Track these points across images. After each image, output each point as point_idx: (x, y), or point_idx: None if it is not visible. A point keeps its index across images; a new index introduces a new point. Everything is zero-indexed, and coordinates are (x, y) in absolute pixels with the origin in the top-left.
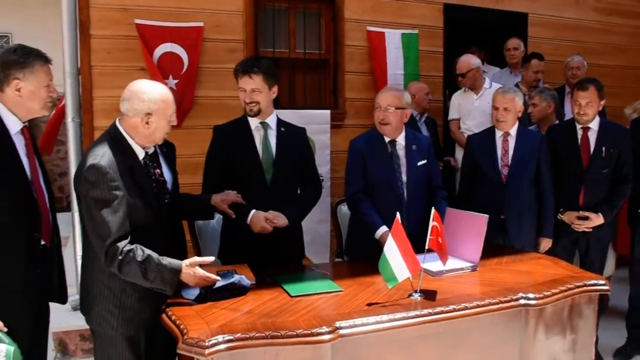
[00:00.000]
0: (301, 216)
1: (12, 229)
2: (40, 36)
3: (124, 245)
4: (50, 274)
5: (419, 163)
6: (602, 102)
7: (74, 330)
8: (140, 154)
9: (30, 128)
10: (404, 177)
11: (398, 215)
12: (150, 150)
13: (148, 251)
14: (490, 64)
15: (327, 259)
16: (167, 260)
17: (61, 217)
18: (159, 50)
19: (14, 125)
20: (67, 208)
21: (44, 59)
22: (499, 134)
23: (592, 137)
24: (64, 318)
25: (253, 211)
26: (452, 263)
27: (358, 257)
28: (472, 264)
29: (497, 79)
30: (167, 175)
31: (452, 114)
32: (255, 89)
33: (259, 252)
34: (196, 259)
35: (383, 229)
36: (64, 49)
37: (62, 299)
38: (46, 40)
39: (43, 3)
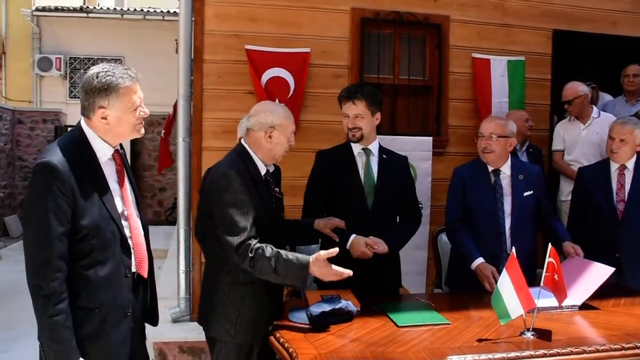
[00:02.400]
0: (401, 244)
1: (108, 264)
2: (152, 59)
3: (254, 243)
4: (145, 300)
5: (526, 193)
6: None
7: (173, 342)
8: (262, 170)
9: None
10: (507, 207)
11: (514, 250)
12: (271, 169)
13: (277, 249)
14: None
15: (422, 287)
16: (294, 255)
17: (160, 230)
18: (267, 75)
19: (104, 152)
20: (165, 222)
21: (129, 79)
22: (614, 166)
23: None
24: (165, 330)
25: (353, 235)
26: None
27: (458, 289)
28: (573, 305)
29: (611, 108)
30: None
31: (557, 145)
32: (358, 114)
33: (357, 278)
34: (322, 252)
35: (479, 260)
36: (179, 73)
37: (154, 321)
38: (157, 63)
39: (156, 27)
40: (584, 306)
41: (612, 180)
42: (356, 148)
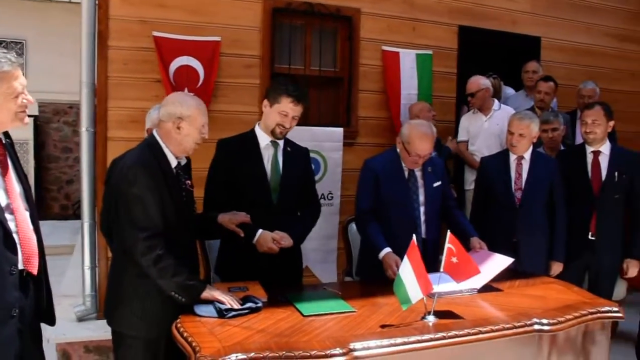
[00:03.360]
0: (304, 237)
1: None
2: (56, 44)
3: (160, 246)
4: (39, 299)
5: (435, 184)
6: (611, 124)
7: (78, 342)
8: (173, 162)
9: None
10: (421, 198)
11: (414, 237)
12: (183, 161)
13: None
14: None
15: (333, 275)
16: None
17: (67, 225)
18: (176, 63)
19: None
20: (73, 216)
21: (9, 64)
22: (513, 157)
23: (604, 161)
24: (69, 329)
25: (260, 231)
26: (457, 285)
27: (369, 278)
28: (472, 288)
29: (512, 101)
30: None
31: (461, 136)
32: (297, 116)
33: (258, 270)
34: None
35: (385, 250)
36: (81, 58)
37: (51, 320)
38: (64, 48)
39: (62, 10)
40: (484, 289)
41: (511, 170)
42: (263, 140)
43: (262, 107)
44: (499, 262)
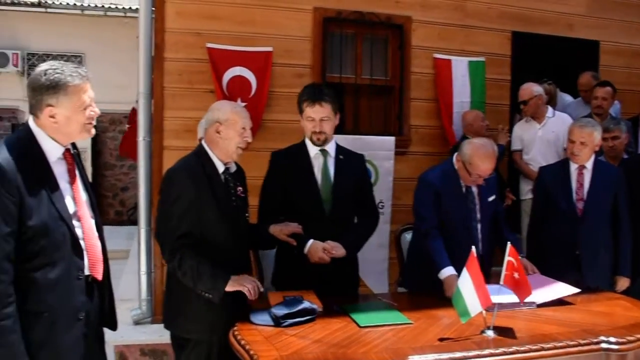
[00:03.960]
0: (359, 246)
1: (58, 266)
2: (112, 56)
3: (185, 246)
4: (102, 303)
5: (490, 199)
6: None
7: (134, 345)
8: (220, 168)
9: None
10: (478, 215)
11: (474, 248)
12: (232, 168)
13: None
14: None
15: (384, 286)
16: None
17: (122, 230)
18: (229, 74)
19: (53, 152)
20: (128, 222)
21: (79, 77)
22: (574, 166)
23: None
24: (126, 332)
25: (311, 241)
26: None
27: (414, 289)
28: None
29: (571, 109)
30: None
31: (515, 145)
32: (325, 117)
33: (314, 280)
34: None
35: (449, 270)
36: (139, 70)
37: (113, 325)
38: (119, 60)
39: (117, 24)
40: (543, 304)
41: (571, 180)
42: (312, 149)
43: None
44: (563, 288)
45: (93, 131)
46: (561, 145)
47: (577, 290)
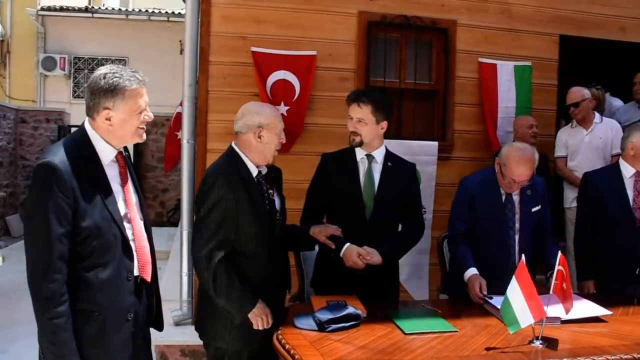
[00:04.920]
0: (397, 255)
1: (109, 267)
2: (155, 60)
3: (222, 254)
4: (150, 305)
5: (534, 209)
6: None
7: (175, 345)
8: (254, 171)
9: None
10: (517, 226)
11: (524, 257)
12: (264, 170)
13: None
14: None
15: (425, 292)
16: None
17: (162, 231)
18: (273, 77)
19: (107, 154)
20: (168, 223)
21: (137, 82)
22: (628, 172)
23: None
24: (167, 333)
25: (347, 244)
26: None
27: (455, 296)
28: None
29: (622, 114)
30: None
31: (559, 151)
32: (361, 119)
33: (353, 284)
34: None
35: (472, 270)
36: (184, 74)
37: (159, 326)
38: (162, 64)
39: (160, 28)
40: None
41: (627, 187)
42: (359, 153)
43: None
44: (593, 309)
45: (144, 136)
46: (609, 152)
47: (608, 312)
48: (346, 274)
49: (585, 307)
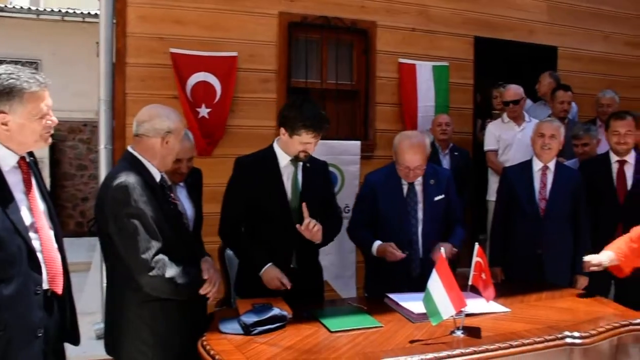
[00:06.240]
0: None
1: (14, 281)
2: (70, 63)
3: (163, 257)
4: (63, 318)
5: (437, 198)
6: (639, 134)
7: None
8: (157, 177)
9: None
10: (420, 215)
11: (443, 250)
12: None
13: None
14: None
15: (352, 290)
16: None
17: (82, 242)
18: (193, 79)
19: (6, 160)
20: (88, 233)
21: (37, 84)
22: (537, 167)
23: (629, 170)
24: (89, 347)
25: (268, 265)
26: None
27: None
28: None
29: (532, 111)
30: (187, 206)
31: (490, 145)
32: (316, 142)
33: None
34: None
35: (377, 242)
36: (100, 76)
37: (75, 340)
38: (78, 67)
39: (75, 29)
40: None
41: (535, 180)
42: (283, 159)
43: (280, 133)
44: (494, 307)
45: (50, 140)
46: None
47: (506, 309)
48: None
49: (486, 305)
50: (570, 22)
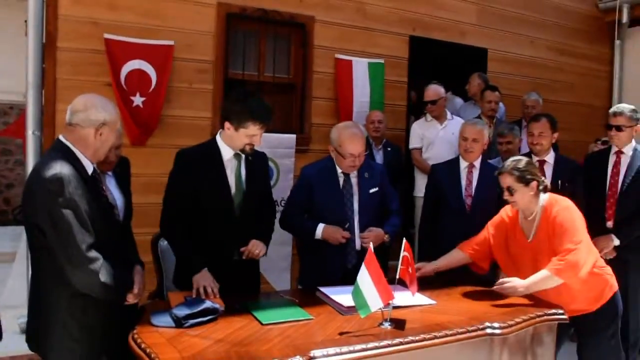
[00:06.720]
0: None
1: None
2: None
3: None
4: None
5: (371, 190)
6: (556, 135)
7: (22, 355)
8: (89, 168)
9: None
10: (355, 205)
11: (371, 245)
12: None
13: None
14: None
15: (287, 283)
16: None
17: (6, 231)
18: (127, 67)
19: None
20: (14, 221)
21: None
22: (463, 164)
23: (548, 170)
24: (13, 342)
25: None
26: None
27: (312, 285)
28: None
29: (462, 110)
30: (117, 195)
31: (415, 143)
32: (262, 135)
33: (217, 277)
34: None
35: (320, 225)
36: (27, 59)
37: None
38: (3, 47)
39: (1, 5)
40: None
41: (461, 177)
42: (227, 152)
43: (225, 127)
44: (421, 299)
45: None
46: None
47: (433, 302)
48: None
49: (412, 297)
50: (499, 26)
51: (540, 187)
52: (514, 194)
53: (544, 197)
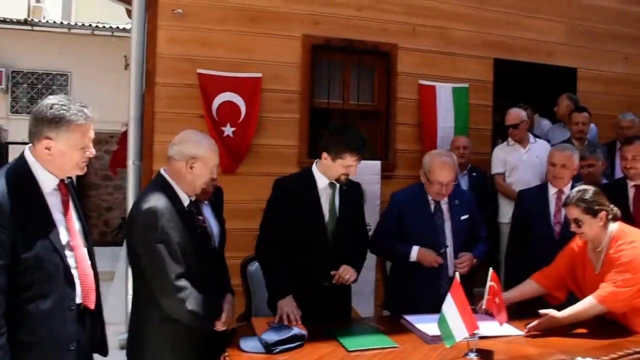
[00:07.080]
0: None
1: (50, 297)
2: (98, 75)
3: (187, 284)
4: (94, 331)
5: (462, 217)
6: None
7: None
8: (185, 201)
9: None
10: (448, 232)
11: (457, 274)
12: (192, 198)
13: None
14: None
15: (371, 308)
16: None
17: (106, 251)
18: (219, 99)
19: (48, 183)
20: (112, 243)
21: (84, 117)
22: (552, 190)
23: None
24: (112, 357)
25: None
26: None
27: (399, 311)
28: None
29: (550, 133)
30: (213, 223)
31: (497, 168)
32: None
33: (308, 303)
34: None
35: (415, 248)
36: (129, 95)
37: (104, 351)
38: (105, 80)
39: (104, 43)
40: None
41: (550, 203)
42: (322, 181)
43: (322, 157)
44: (507, 330)
45: (85, 169)
46: (544, 170)
47: (520, 332)
48: (303, 295)
49: (500, 328)
50: (588, 44)
51: (610, 217)
52: (581, 226)
53: (613, 227)
